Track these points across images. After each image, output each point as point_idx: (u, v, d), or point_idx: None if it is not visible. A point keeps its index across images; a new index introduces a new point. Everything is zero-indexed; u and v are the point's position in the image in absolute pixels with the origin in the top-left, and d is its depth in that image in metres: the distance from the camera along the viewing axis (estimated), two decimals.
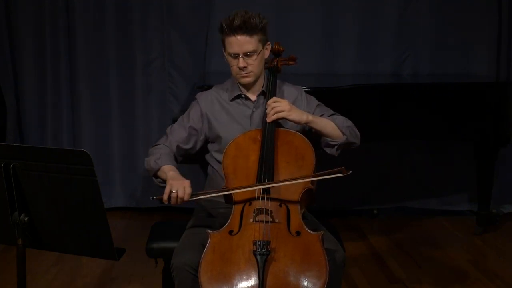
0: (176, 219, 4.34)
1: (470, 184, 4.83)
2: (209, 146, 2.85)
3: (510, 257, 4.21)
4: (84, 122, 4.90)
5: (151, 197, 2.58)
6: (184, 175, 2.65)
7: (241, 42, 2.66)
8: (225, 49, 2.74)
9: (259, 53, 2.70)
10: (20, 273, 2.21)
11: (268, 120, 2.65)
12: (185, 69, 4.87)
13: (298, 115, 2.67)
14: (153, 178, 2.75)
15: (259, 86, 2.82)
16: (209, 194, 2.60)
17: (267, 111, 2.66)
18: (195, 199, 2.56)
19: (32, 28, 4.78)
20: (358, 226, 4.75)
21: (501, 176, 4.83)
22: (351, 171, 2.48)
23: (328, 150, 2.76)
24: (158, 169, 2.69)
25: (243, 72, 2.72)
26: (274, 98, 2.68)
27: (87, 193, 2.10)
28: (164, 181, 2.64)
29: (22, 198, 2.16)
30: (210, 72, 4.72)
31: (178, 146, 2.78)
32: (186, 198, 2.50)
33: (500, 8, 4.90)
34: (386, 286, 3.74)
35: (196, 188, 2.60)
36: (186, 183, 2.52)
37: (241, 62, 2.69)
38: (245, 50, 2.68)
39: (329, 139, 2.73)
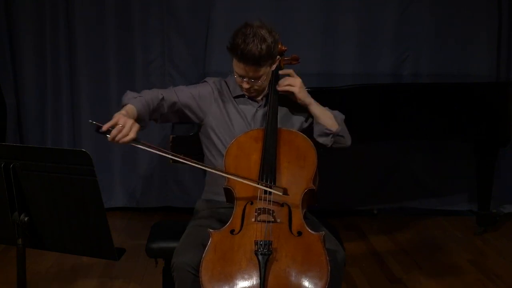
0: (176, 219, 4.35)
1: (470, 184, 4.83)
2: (211, 138, 2.79)
3: (510, 257, 4.21)
4: (84, 122, 4.89)
5: (90, 120, 2.47)
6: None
7: (250, 70, 2.65)
8: (232, 61, 2.70)
9: (266, 74, 2.71)
10: (20, 273, 2.21)
11: (279, 88, 2.71)
12: (185, 69, 4.87)
13: (305, 94, 2.74)
14: None
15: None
16: (161, 152, 2.50)
17: (280, 82, 2.71)
18: (136, 145, 2.45)
19: (32, 29, 4.78)
20: (358, 226, 4.75)
21: (501, 176, 4.83)
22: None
23: (321, 140, 2.77)
24: (124, 105, 2.60)
25: (248, 91, 2.74)
26: (289, 71, 2.72)
27: (87, 193, 2.10)
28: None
29: (22, 198, 2.16)
30: (209, 72, 4.71)
31: (175, 104, 2.71)
32: (127, 138, 2.40)
33: (500, 8, 4.90)
34: (386, 286, 3.74)
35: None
36: (136, 125, 2.44)
37: (246, 84, 2.70)
38: (252, 77, 2.67)
39: (325, 128, 2.75)
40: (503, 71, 4.97)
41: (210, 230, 2.43)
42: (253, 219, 2.44)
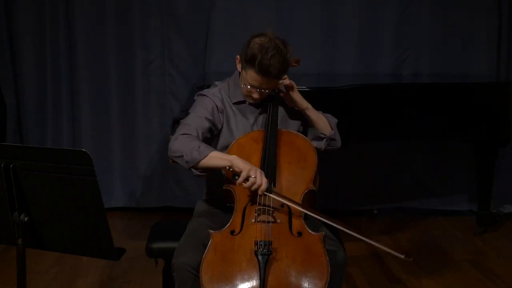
0: (176, 219, 4.35)
1: (470, 184, 4.84)
2: (216, 145, 2.78)
3: (510, 257, 4.21)
4: (84, 122, 4.90)
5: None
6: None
7: (267, 83, 2.64)
8: (244, 70, 2.65)
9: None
10: (20, 273, 2.21)
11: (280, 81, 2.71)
12: (185, 69, 4.87)
13: (302, 99, 2.76)
14: (192, 169, 2.57)
15: None
16: (282, 198, 2.49)
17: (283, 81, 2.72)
18: (269, 195, 2.45)
19: (32, 29, 4.78)
20: (358, 226, 4.75)
21: (501, 176, 4.83)
22: (412, 259, 2.51)
23: (315, 144, 2.77)
24: (205, 157, 2.50)
25: (256, 100, 2.72)
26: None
27: (87, 193, 2.09)
28: (205, 170, 2.55)
29: (22, 198, 2.15)
30: (209, 72, 4.72)
31: (202, 134, 2.65)
32: (261, 191, 2.43)
33: (500, 8, 4.90)
34: (386, 286, 3.74)
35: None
36: (263, 173, 2.45)
37: (257, 95, 2.69)
38: (267, 88, 2.67)
39: (320, 132, 2.77)
40: (503, 71, 4.97)
41: (211, 231, 2.43)
42: (253, 220, 2.44)
